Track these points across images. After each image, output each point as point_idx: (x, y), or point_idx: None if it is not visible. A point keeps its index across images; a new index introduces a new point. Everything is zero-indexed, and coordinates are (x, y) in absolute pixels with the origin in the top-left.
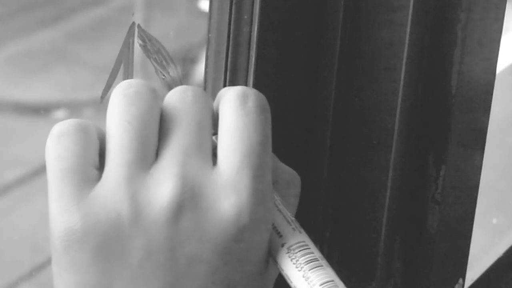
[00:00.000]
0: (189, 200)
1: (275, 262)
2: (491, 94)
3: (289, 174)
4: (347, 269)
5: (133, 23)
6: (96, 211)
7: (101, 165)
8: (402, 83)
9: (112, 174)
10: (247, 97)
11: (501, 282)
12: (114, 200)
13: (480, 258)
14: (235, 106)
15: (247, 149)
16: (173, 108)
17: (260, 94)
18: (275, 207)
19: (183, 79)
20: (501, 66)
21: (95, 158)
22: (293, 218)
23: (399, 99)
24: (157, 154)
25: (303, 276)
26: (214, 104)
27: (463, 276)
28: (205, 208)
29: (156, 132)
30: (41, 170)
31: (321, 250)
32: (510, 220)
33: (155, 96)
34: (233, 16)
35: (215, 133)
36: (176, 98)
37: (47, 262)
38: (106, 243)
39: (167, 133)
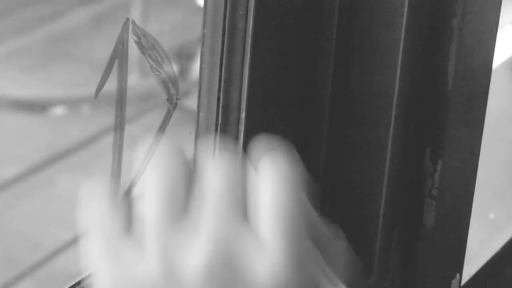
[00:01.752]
0: (222, 265)
1: None
2: (488, 88)
3: (330, 228)
4: None
5: (127, 19)
6: (128, 276)
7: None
8: (398, 78)
9: (147, 243)
10: (279, 167)
11: (498, 277)
12: (149, 275)
13: (477, 253)
14: (267, 177)
15: (283, 214)
16: (210, 176)
17: (289, 160)
18: (317, 267)
19: (179, 75)
20: (497, 60)
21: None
22: (335, 277)
23: (396, 94)
24: (190, 211)
25: None
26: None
27: (460, 271)
28: (239, 271)
29: (186, 196)
30: (38, 167)
31: None
32: (508, 215)
33: (184, 161)
34: (228, 12)
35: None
36: (215, 171)
37: (45, 260)
38: None
39: (202, 196)
